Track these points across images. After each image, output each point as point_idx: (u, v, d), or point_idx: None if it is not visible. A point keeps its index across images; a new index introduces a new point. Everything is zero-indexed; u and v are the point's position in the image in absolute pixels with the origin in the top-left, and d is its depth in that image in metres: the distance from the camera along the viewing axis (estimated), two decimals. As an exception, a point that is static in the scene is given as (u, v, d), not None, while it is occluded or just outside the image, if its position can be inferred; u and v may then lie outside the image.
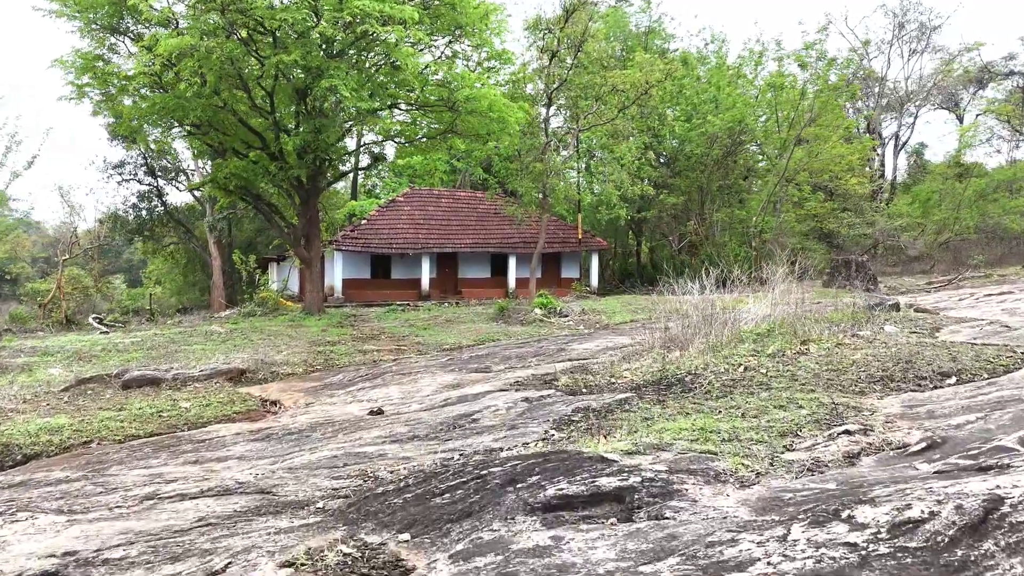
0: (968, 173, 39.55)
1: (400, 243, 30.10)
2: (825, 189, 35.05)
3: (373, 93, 20.20)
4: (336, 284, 29.71)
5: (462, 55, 22.65)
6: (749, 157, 38.10)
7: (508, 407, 7.41)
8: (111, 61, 21.01)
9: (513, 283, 31.27)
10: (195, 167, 39.17)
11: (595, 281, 33.43)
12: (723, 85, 36.34)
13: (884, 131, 46.50)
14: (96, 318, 29.01)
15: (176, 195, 47.20)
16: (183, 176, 39.93)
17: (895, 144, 46.78)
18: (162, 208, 40.30)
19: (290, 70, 19.58)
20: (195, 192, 36.38)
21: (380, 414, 8.05)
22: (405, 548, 3.28)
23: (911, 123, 46.50)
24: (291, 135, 20.81)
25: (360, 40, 19.67)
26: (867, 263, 26.30)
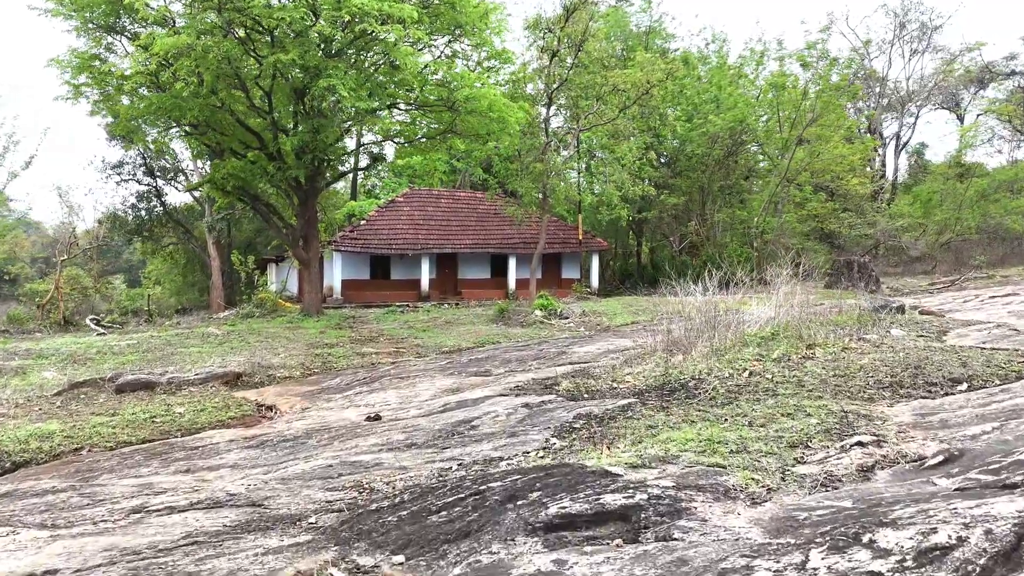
0: (969, 173, 39.36)
1: (400, 244, 29.93)
2: (826, 189, 34.87)
3: (372, 93, 20.03)
4: (335, 285, 29.54)
5: (462, 54, 22.46)
6: (750, 157, 37.94)
7: (508, 413, 7.25)
8: (108, 60, 20.84)
9: (513, 284, 31.10)
10: (194, 167, 39.01)
11: (595, 282, 33.28)
12: (724, 85, 36.17)
13: (885, 131, 46.38)
14: (93, 319, 28.84)
15: (175, 195, 47.12)
16: (182, 176, 39.76)
17: (896, 144, 46.68)
18: (161, 208, 40.15)
19: (288, 69, 19.40)
20: (194, 192, 36.20)
21: (377, 420, 7.88)
22: (399, 572, 3.12)
23: (912, 123, 46.43)
24: (289, 135, 20.65)
25: (359, 39, 19.51)
26: (869, 264, 26.12)
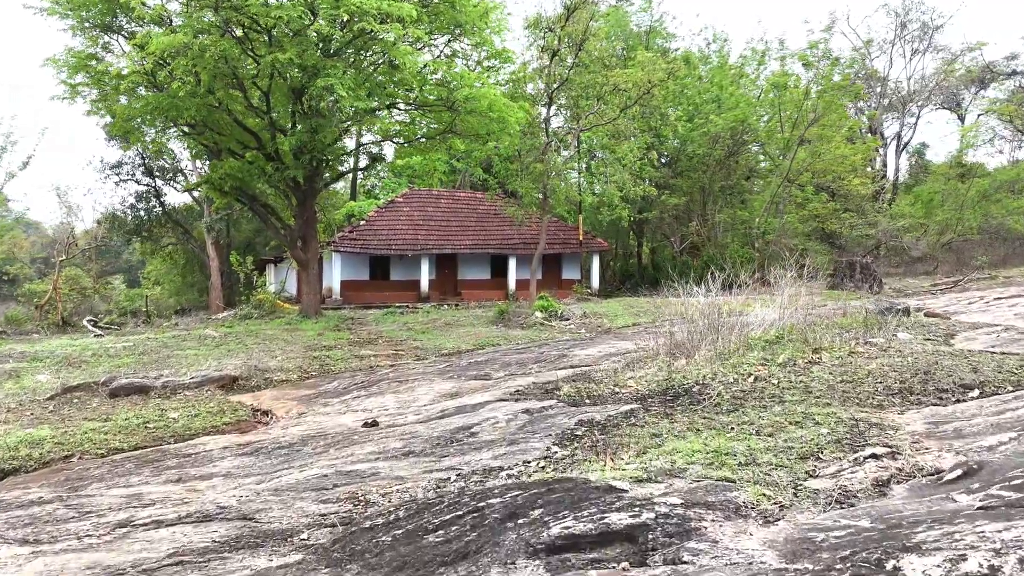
0: (970, 173, 39.18)
1: (399, 244, 29.75)
2: (828, 190, 34.69)
3: (371, 92, 19.85)
4: (334, 286, 29.35)
5: (461, 54, 22.28)
6: (751, 157, 37.76)
7: (508, 419, 7.09)
8: (104, 60, 20.64)
9: (513, 284, 30.92)
10: (193, 167, 38.83)
11: (596, 282, 33.11)
12: (725, 85, 36.00)
13: (886, 131, 46.20)
14: (90, 320, 28.66)
15: (174, 195, 46.88)
16: (181, 176, 39.59)
17: (897, 144, 46.50)
18: (160, 208, 39.99)
19: (286, 69, 19.21)
20: (192, 193, 36.04)
21: (375, 426, 7.72)
22: (393, 596, 2.96)
23: (913, 123, 46.24)
24: (287, 135, 20.46)
25: (358, 38, 19.33)
26: (872, 264, 25.96)
